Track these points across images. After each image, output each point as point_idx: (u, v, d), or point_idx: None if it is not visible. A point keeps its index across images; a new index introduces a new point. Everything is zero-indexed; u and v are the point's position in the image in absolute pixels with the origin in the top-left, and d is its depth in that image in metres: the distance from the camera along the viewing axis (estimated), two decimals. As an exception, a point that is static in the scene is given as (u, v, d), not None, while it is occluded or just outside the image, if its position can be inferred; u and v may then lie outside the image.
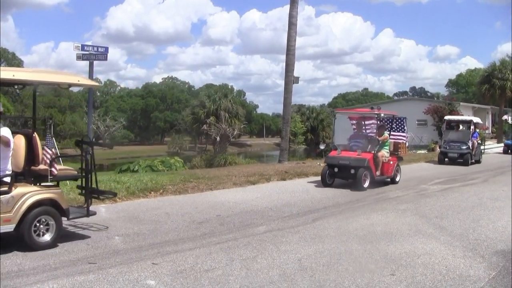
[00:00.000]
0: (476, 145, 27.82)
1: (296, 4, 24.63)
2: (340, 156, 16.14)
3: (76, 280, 6.47)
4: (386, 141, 16.89)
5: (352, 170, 15.56)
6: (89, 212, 8.99)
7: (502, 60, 53.97)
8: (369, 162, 15.67)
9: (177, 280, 6.60)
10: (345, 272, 7.11)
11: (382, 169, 16.54)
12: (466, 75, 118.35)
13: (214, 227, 9.94)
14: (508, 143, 37.25)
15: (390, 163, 16.97)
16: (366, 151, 16.02)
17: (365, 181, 15.60)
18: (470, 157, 26.49)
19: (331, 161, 16.29)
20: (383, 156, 16.52)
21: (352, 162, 15.64)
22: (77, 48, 13.91)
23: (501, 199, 14.17)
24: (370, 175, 15.74)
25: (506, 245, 8.90)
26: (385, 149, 16.87)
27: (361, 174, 15.40)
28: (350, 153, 16.17)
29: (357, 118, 18.11)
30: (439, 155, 27.52)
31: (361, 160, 15.60)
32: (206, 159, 43.12)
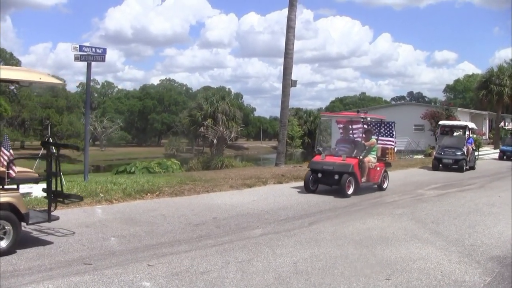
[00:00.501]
0: (471, 151, 27.34)
1: (295, 7, 24.65)
2: (324, 161, 15.56)
3: (71, 280, 6.46)
4: (373, 146, 16.37)
5: (336, 176, 15.01)
6: (50, 216, 8.44)
7: (500, 66, 54.14)
8: (354, 168, 15.07)
9: (173, 282, 6.59)
10: (341, 276, 7.11)
11: (369, 175, 15.90)
12: (463, 81, 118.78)
13: (210, 230, 9.93)
14: (504, 149, 37.36)
15: (377, 169, 16.40)
16: (351, 156, 15.47)
17: (350, 187, 15.02)
18: (465, 163, 25.99)
19: (314, 166, 15.70)
20: (370, 162, 15.92)
21: (336, 168, 15.12)
22: (75, 49, 13.87)
23: (497, 205, 14.19)
24: (355, 182, 15.19)
25: (502, 251, 8.91)
26: (372, 155, 16.32)
27: (345, 180, 14.79)
28: (335, 158, 15.61)
29: (344, 122, 17.51)
30: (433, 161, 26.93)
31: (345, 165, 15.06)
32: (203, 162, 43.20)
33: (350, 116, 18.31)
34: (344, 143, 16.55)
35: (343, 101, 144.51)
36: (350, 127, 17.37)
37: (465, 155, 26.19)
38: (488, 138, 58.13)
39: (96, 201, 12.22)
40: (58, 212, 10.83)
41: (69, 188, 12.79)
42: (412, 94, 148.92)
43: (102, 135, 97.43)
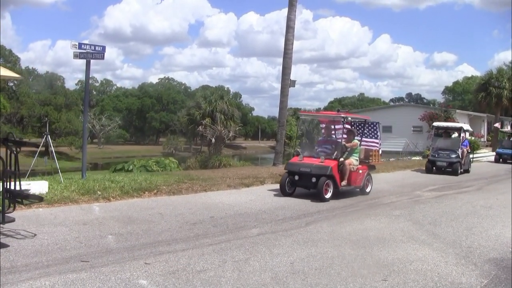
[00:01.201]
0: (466, 153, 26.61)
1: (295, 7, 24.61)
2: (302, 162, 14.74)
3: (68, 278, 6.46)
4: (355, 148, 15.55)
5: (314, 178, 14.16)
6: (4, 218, 7.91)
7: (499, 68, 54.20)
8: (333, 170, 14.21)
9: (169, 280, 6.59)
10: (337, 277, 7.12)
11: (350, 179, 15.01)
12: (462, 83, 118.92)
13: (207, 229, 9.94)
14: (500, 152, 36.96)
15: (359, 172, 15.54)
16: (331, 158, 14.66)
17: (328, 191, 14.16)
18: (459, 166, 25.14)
19: (291, 168, 14.85)
20: (351, 164, 15.08)
21: (313, 170, 14.25)
22: (74, 46, 13.86)
23: (494, 208, 14.21)
24: (333, 185, 14.33)
25: (499, 254, 8.92)
26: (354, 157, 15.48)
27: (323, 184, 13.92)
28: (313, 159, 14.79)
29: (327, 122, 16.69)
30: (427, 164, 26.17)
31: (323, 168, 14.19)
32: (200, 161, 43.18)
33: (330, 115, 17.43)
34: (325, 144, 15.80)
35: (341, 101, 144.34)
36: (333, 127, 16.53)
37: (460, 158, 25.48)
38: (486, 141, 58.19)
39: (94, 198, 12.23)
40: (57, 210, 10.88)
41: (67, 185, 12.80)
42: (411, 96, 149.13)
43: (100, 133, 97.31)
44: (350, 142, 15.51)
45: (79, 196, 12.12)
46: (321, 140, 16.37)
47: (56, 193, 11.93)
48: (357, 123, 17.13)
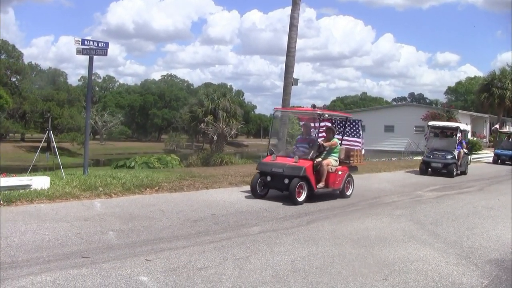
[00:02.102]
0: (463, 154, 25.32)
1: (298, 5, 24.63)
2: (274, 162, 13.72)
3: (69, 273, 6.46)
4: (334, 147, 14.51)
5: (286, 179, 13.18)
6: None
7: (502, 69, 54.22)
8: (307, 171, 13.18)
9: (170, 277, 6.59)
10: (338, 275, 7.11)
11: (327, 180, 14.00)
12: (465, 83, 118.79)
13: (209, 226, 9.94)
14: (498, 153, 36.13)
15: (339, 173, 14.43)
16: (307, 158, 13.59)
17: (301, 193, 13.18)
18: (455, 168, 23.96)
19: (263, 168, 13.86)
20: (329, 165, 14.07)
21: (286, 171, 13.25)
22: (78, 42, 13.87)
23: (496, 208, 14.20)
24: (307, 187, 13.34)
25: (500, 254, 8.92)
26: (333, 157, 14.45)
27: (295, 185, 12.94)
28: (287, 159, 13.77)
29: (306, 119, 15.52)
30: (421, 165, 24.87)
31: (296, 168, 13.18)
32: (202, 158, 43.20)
33: (305, 111, 16.04)
34: (303, 143, 14.69)
35: (343, 100, 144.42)
36: (312, 125, 15.35)
37: (456, 159, 24.27)
38: (488, 141, 58.14)
39: (95, 195, 12.24)
40: (59, 205, 10.89)
41: (69, 181, 12.82)
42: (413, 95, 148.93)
43: (103, 129, 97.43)
44: (329, 141, 14.58)
45: (81, 192, 12.13)
46: (300, 138, 15.35)
47: (58, 188, 11.95)
48: (338, 121, 16.23)
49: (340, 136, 15.49)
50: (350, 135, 16.04)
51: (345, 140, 15.79)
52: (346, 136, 15.90)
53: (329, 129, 14.97)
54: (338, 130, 15.68)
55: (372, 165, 26.22)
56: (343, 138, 15.59)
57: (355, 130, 16.05)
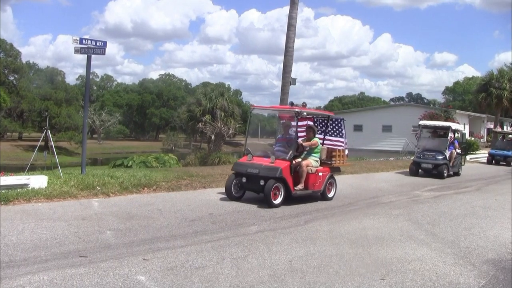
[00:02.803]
0: (455, 155, 24.42)
1: (296, 5, 24.63)
2: (250, 163, 13.12)
3: (66, 272, 6.46)
4: (315, 147, 13.86)
5: (262, 181, 12.58)
6: None
7: (500, 69, 54.18)
8: (283, 172, 12.53)
9: (168, 276, 6.59)
10: (336, 275, 7.12)
11: (307, 182, 13.35)
12: (463, 83, 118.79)
13: (206, 225, 9.94)
14: (492, 153, 35.72)
15: (319, 174, 13.74)
16: (285, 159, 12.97)
17: (277, 196, 12.56)
18: (446, 169, 23.26)
19: (238, 169, 13.29)
20: (309, 166, 13.41)
21: (261, 172, 12.65)
22: (76, 41, 13.85)
23: (493, 208, 14.23)
24: (284, 189, 12.70)
25: (497, 254, 8.94)
26: (314, 157, 13.80)
27: (270, 187, 12.33)
28: (264, 160, 13.13)
29: (287, 118, 14.76)
30: (411, 166, 24.10)
31: (272, 169, 12.58)
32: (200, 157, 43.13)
33: (283, 109, 15.49)
34: (282, 143, 14.10)
35: (341, 100, 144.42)
36: (294, 124, 14.37)
37: (447, 160, 23.54)
38: (486, 141, 58.21)
39: (93, 194, 12.23)
40: (56, 204, 10.88)
41: (66, 180, 12.80)
42: (411, 95, 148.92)
43: (100, 128, 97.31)
44: (310, 140, 13.91)
45: (78, 191, 12.12)
46: (280, 138, 14.68)
47: (56, 188, 11.94)
48: (320, 119, 15.53)
49: (322, 136, 15.05)
50: (332, 135, 15.32)
51: (327, 139, 15.26)
52: (329, 136, 15.30)
53: (309, 128, 14.24)
54: (320, 130, 15.17)
55: (370, 165, 26.24)
56: (325, 137, 15.15)
57: (338, 129, 15.28)
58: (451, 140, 24.56)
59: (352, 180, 19.73)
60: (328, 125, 15.24)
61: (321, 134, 15.03)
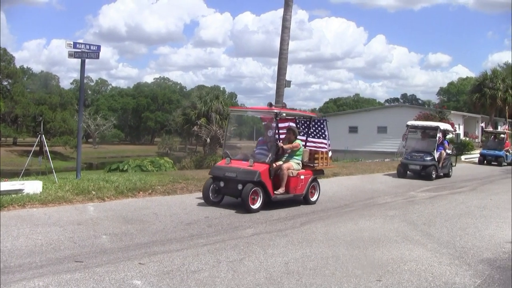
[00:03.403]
0: (445, 156, 23.54)
1: (290, 7, 24.64)
2: (228, 166, 12.66)
3: (62, 278, 6.44)
4: (297, 150, 13.38)
5: (240, 185, 12.13)
6: None
7: (494, 69, 54.44)
8: (262, 176, 12.09)
9: (164, 280, 6.59)
10: (332, 277, 7.12)
11: (288, 186, 12.92)
12: (457, 84, 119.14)
13: (202, 229, 9.93)
14: (484, 153, 35.00)
15: (301, 178, 13.27)
16: (265, 162, 12.51)
17: (256, 200, 12.13)
18: (435, 170, 22.50)
19: (216, 173, 12.80)
20: (290, 169, 12.98)
21: (239, 175, 12.22)
22: (69, 45, 13.83)
23: (488, 208, 14.26)
24: (263, 193, 12.26)
25: (493, 254, 8.96)
26: (296, 160, 13.35)
27: (248, 191, 11.88)
28: (242, 163, 12.60)
29: (268, 119, 13.91)
30: (399, 167, 23.32)
31: (250, 173, 12.13)
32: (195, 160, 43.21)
33: (262, 110, 14.75)
34: (263, 145, 13.63)
35: (336, 102, 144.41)
36: (275, 126, 13.98)
37: (436, 161, 22.76)
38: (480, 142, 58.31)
39: (88, 198, 12.20)
40: (51, 210, 10.85)
41: (61, 185, 12.77)
42: (406, 96, 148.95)
43: (95, 133, 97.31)
44: (291, 142, 13.41)
45: (74, 196, 12.09)
46: (261, 140, 14.17)
47: (51, 193, 11.89)
48: (302, 120, 14.93)
49: (304, 137, 14.50)
50: (315, 136, 14.67)
51: (310, 141, 14.66)
52: (311, 137, 14.68)
53: (290, 130, 13.75)
54: (302, 131, 14.65)
55: (365, 166, 26.26)
56: (307, 139, 14.58)
57: (321, 131, 14.60)
58: (440, 141, 23.76)
59: (347, 181, 19.75)
60: (310, 126, 14.66)
61: (303, 135, 14.54)
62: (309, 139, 14.62)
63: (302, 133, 14.55)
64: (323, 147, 14.49)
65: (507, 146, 35.24)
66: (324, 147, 14.49)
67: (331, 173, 20.91)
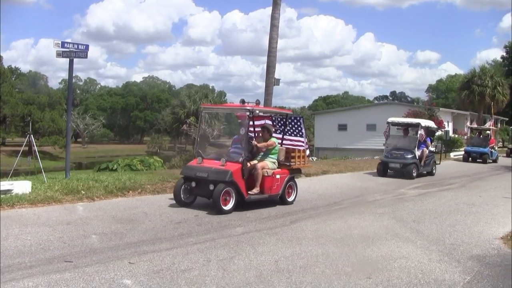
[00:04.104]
0: (427, 153, 22.80)
1: (279, 6, 24.64)
2: (200, 166, 12.24)
3: (51, 278, 6.42)
4: (272, 148, 12.96)
5: (211, 185, 11.69)
6: None
7: (482, 66, 54.62)
8: (234, 176, 11.68)
9: (154, 280, 6.58)
10: (322, 275, 7.14)
11: (263, 185, 12.50)
12: (446, 81, 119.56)
13: (192, 228, 9.93)
14: (468, 150, 34.17)
15: (277, 177, 12.83)
16: (238, 161, 12.11)
17: (228, 201, 11.69)
18: (416, 168, 21.67)
19: (187, 173, 12.41)
20: (265, 168, 12.58)
21: (210, 175, 11.79)
22: (57, 45, 13.77)
23: (477, 205, 14.33)
24: (236, 193, 11.84)
25: (482, 250, 9.02)
26: (271, 159, 12.94)
27: (220, 192, 11.44)
28: (214, 163, 12.18)
29: (243, 117, 13.25)
30: (378, 166, 22.55)
31: (222, 172, 11.71)
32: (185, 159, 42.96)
33: (234, 108, 14.35)
34: (238, 144, 13.26)
35: (326, 100, 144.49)
36: (251, 124, 13.60)
37: (417, 159, 21.95)
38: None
39: (78, 198, 12.15)
40: (41, 210, 10.80)
41: (51, 185, 12.72)
42: (395, 94, 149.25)
43: (84, 132, 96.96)
44: (266, 141, 12.99)
45: (63, 196, 12.04)
46: (236, 138, 13.90)
47: (40, 193, 11.84)
48: (278, 118, 14.45)
49: (280, 135, 14.00)
50: (292, 134, 14.13)
51: (287, 139, 14.12)
52: (288, 135, 14.13)
53: (264, 128, 13.31)
54: (279, 129, 14.18)
55: (355, 164, 26.30)
56: (283, 137, 14.04)
57: (297, 128, 14.08)
58: (423, 138, 23.01)
59: (337, 179, 19.79)
60: (287, 124, 14.11)
61: (280, 133, 14.06)
62: (285, 137, 14.12)
63: (278, 131, 14.15)
64: (300, 145, 14.03)
65: (492, 143, 34.74)
66: (301, 145, 14.03)
67: (321, 171, 21.00)
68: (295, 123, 14.09)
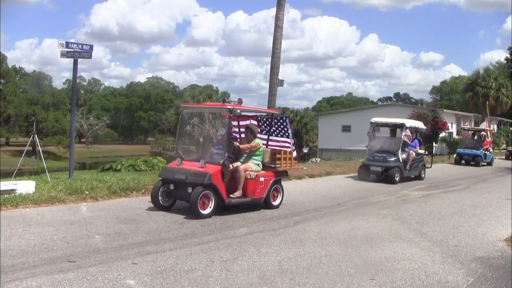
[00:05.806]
0: (414, 156, 21.15)
1: (283, 6, 24.63)
2: (178, 168, 11.68)
3: (55, 278, 6.43)
4: (256, 150, 12.41)
5: (190, 188, 11.09)
6: None
7: (486, 68, 54.54)
8: (213, 178, 11.05)
9: (157, 280, 6.58)
10: (325, 276, 7.14)
11: (246, 189, 11.96)
12: (450, 82, 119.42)
13: (195, 228, 9.93)
14: (460, 152, 32.48)
15: (261, 180, 12.29)
16: (218, 163, 11.50)
17: (206, 205, 11.10)
18: (399, 172, 20.07)
19: (165, 175, 11.84)
20: (248, 170, 12.06)
21: (189, 178, 11.21)
22: (62, 45, 13.80)
23: (481, 206, 14.30)
24: (215, 197, 11.22)
25: (485, 252, 9.00)
26: (255, 161, 12.38)
27: (197, 195, 10.85)
28: (194, 164, 11.55)
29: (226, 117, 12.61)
30: (359, 169, 21.19)
31: (200, 175, 11.11)
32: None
33: (214, 107, 13.89)
34: (221, 145, 12.59)
35: (330, 101, 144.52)
36: (236, 124, 13.48)
37: (400, 162, 20.33)
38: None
39: (81, 198, 12.17)
40: (44, 210, 10.82)
41: (54, 185, 12.74)
42: (399, 95, 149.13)
43: (88, 132, 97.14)
44: (250, 142, 12.49)
45: (67, 196, 12.06)
46: (220, 139, 13.35)
47: (43, 193, 11.85)
48: (263, 118, 13.65)
49: (265, 136, 13.25)
50: (278, 135, 13.23)
51: (272, 140, 13.28)
52: (274, 136, 13.26)
53: (247, 129, 12.79)
54: (264, 129, 13.39)
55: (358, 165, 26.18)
56: (269, 138, 13.26)
57: (284, 129, 13.18)
58: (410, 139, 21.09)
59: (340, 180, 19.80)
60: (272, 124, 13.25)
61: (265, 134, 13.31)
62: (271, 138, 13.28)
63: (264, 131, 13.38)
64: (287, 147, 13.20)
65: (487, 145, 33.09)
66: (288, 146, 13.18)
67: (325, 172, 21.06)
68: (281, 123, 13.23)
